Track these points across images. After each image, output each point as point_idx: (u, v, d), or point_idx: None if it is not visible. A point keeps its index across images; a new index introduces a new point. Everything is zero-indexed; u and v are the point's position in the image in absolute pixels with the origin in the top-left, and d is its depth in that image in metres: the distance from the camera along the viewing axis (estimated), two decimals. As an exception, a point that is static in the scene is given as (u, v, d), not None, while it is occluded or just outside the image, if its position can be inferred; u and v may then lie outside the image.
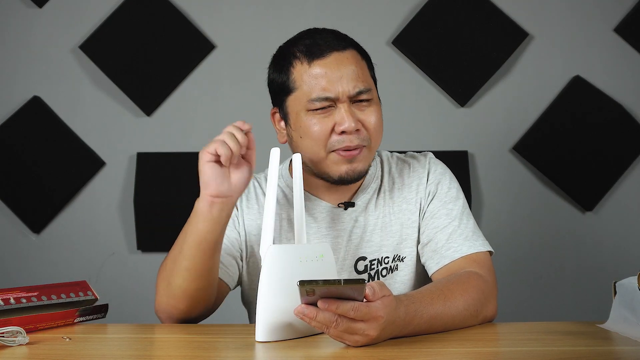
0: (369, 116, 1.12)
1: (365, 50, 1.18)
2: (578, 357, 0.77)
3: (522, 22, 2.15)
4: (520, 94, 2.15)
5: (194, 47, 2.21)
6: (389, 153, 1.28)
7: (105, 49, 2.20)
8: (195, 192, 1.12)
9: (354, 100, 1.11)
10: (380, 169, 1.24)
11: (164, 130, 2.21)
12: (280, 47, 1.19)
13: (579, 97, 2.12)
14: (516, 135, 2.14)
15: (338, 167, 1.12)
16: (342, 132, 1.09)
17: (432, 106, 2.17)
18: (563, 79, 2.14)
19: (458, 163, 2.10)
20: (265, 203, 0.96)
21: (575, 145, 2.11)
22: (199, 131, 2.20)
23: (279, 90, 1.17)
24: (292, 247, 0.96)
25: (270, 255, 0.89)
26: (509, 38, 2.14)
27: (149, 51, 2.20)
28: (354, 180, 1.14)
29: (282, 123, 1.19)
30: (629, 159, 2.11)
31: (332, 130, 1.10)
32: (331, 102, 1.10)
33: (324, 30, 1.16)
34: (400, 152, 1.32)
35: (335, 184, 1.16)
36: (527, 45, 2.16)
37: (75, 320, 1.09)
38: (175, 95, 2.21)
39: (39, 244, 2.20)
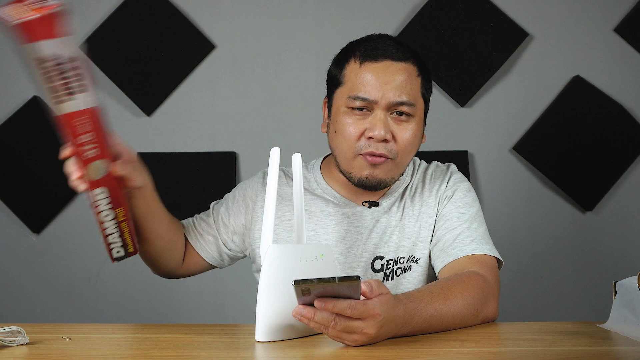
0: (403, 131, 1.13)
1: (427, 69, 1.19)
2: (578, 357, 0.77)
3: (522, 22, 2.15)
4: (520, 94, 2.15)
5: (194, 47, 2.21)
6: (418, 160, 1.30)
7: (105, 49, 2.20)
8: (195, 192, 1.12)
9: (393, 110, 1.12)
10: (410, 175, 1.26)
11: (164, 130, 2.21)
12: (349, 42, 1.21)
13: (579, 97, 2.12)
14: (516, 135, 2.14)
15: (361, 171, 1.14)
16: (370, 138, 1.11)
17: (432, 106, 2.15)
18: (563, 79, 2.14)
19: (458, 163, 2.08)
20: (265, 203, 0.96)
21: (575, 145, 2.11)
22: (199, 131, 2.20)
23: (332, 81, 1.20)
24: (292, 247, 0.95)
25: (270, 255, 0.89)
26: (509, 38, 2.14)
27: (149, 51, 2.20)
28: (374, 187, 1.16)
29: (327, 113, 1.22)
30: (629, 159, 2.11)
31: (363, 133, 1.12)
32: (368, 105, 1.11)
33: (391, 38, 1.18)
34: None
35: (356, 186, 1.18)
36: (527, 45, 2.16)
37: None
38: (175, 95, 2.21)
39: (39, 244, 2.20)
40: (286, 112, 2.18)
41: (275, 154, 1.00)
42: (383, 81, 1.11)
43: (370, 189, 1.17)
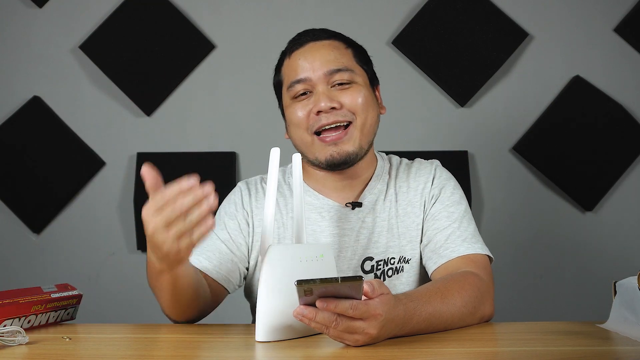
0: (349, 96, 1.14)
1: (354, 43, 1.22)
2: (578, 357, 0.77)
3: (522, 22, 2.15)
4: (520, 94, 2.15)
5: (194, 47, 2.21)
6: (398, 158, 1.30)
7: (105, 49, 2.20)
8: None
9: (333, 82, 1.14)
10: (388, 172, 1.25)
11: (164, 130, 2.21)
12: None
13: (579, 97, 2.12)
14: (516, 135, 2.14)
15: (325, 151, 1.14)
16: (319, 112, 1.12)
17: (432, 106, 2.17)
18: (563, 79, 2.14)
19: (458, 163, 2.10)
20: (265, 203, 0.96)
21: (575, 145, 2.11)
22: (199, 131, 2.20)
23: (276, 87, 1.24)
24: (292, 247, 0.96)
25: (270, 255, 0.89)
26: (509, 38, 2.14)
27: (149, 51, 2.20)
28: (344, 162, 1.15)
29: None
30: (629, 159, 2.11)
31: (311, 112, 1.14)
32: (308, 86, 1.14)
33: (312, 28, 1.22)
34: (399, 152, 1.33)
35: (328, 169, 1.18)
36: (527, 45, 2.16)
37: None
38: (175, 95, 2.21)
39: (39, 244, 2.20)
40: (286, 112, 2.17)
41: (275, 154, 1.00)
42: (312, 59, 1.15)
43: (341, 165, 1.15)
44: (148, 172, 0.84)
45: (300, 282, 0.75)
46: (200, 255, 1.17)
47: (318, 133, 1.14)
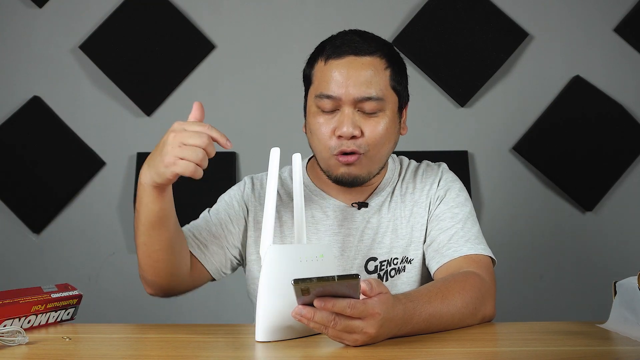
0: (372, 126, 1.12)
1: (395, 59, 1.17)
2: (578, 357, 0.77)
3: (522, 22, 2.15)
4: (520, 94, 2.15)
5: (194, 47, 2.21)
6: (407, 159, 1.30)
7: (105, 49, 2.21)
8: (195, 192, 1.12)
9: (361, 107, 1.11)
10: (398, 174, 1.26)
11: (164, 130, 2.18)
12: (321, 41, 1.21)
13: (579, 97, 2.12)
14: (516, 135, 2.14)
15: (336, 169, 1.14)
16: (340, 136, 1.11)
17: (432, 106, 2.17)
18: (563, 79, 2.14)
19: (458, 163, 2.10)
20: (265, 203, 0.96)
21: (575, 145, 2.11)
22: (199, 131, 2.20)
23: (305, 81, 1.20)
24: (292, 247, 0.95)
25: (270, 255, 0.89)
26: (509, 38, 2.14)
27: (149, 51, 2.20)
28: (350, 184, 1.15)
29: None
30: (629, 159, 2.11)
31: (334, 132, 1.12)
32: (335, 103, 1.11)
33: (357, 32, 1.17)
34: (399, 152, 1.33)
35: (334, 183, 1.18)
36: (527, 45, 2.16)
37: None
38: (175, 95, 2.21)
39: (39, 244, 2.20)
40: (286, 112, 2.17)
41: (275, 154, 1.00)
42: (346, 77, 1.10)
43: (347, 185, 1.16)
44: (199, 107, 1.10)
45: (297, 281, 0.75)
46: (188, 225, 1.19)
47: None
